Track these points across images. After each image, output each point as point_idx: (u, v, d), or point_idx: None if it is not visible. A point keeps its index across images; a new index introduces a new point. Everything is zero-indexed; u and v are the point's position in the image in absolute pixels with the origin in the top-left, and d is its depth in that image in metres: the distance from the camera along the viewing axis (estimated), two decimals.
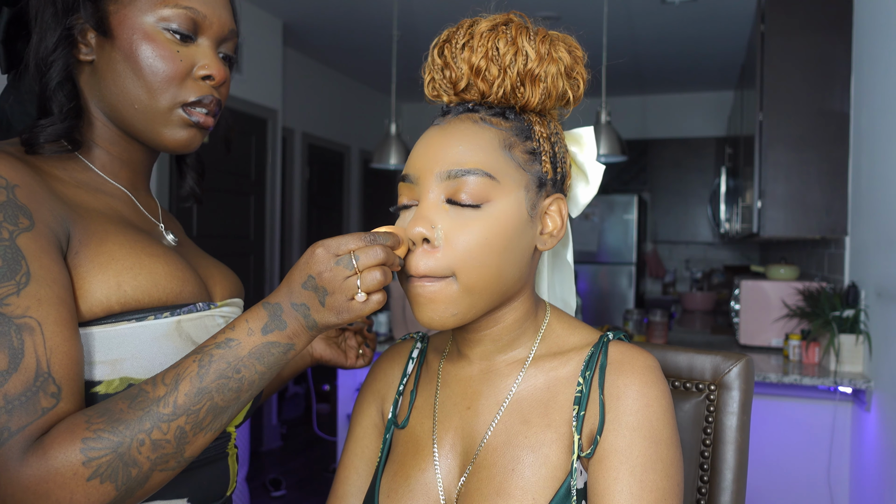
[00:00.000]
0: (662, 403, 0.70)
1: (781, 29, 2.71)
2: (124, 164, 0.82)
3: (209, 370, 0.65)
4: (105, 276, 0.70)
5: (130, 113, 0.77)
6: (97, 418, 0.62)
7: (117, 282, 0.70)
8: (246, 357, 0.66)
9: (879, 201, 2.21)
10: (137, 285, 0.71)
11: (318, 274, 0.65)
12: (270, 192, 4.39)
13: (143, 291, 0.72)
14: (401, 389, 0.85)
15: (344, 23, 4.49)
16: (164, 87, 0.76)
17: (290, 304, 0.67)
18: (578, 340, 0.78)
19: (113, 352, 0.69)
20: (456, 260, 0.68)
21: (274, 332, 0.67)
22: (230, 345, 0.66)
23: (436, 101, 0.78)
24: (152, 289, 0.72)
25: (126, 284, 0.71)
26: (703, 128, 6.08)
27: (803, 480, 2.51)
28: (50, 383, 0.62)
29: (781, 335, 2.84)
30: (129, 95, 0.76)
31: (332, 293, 0.65)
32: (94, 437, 0.61)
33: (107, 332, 0.69)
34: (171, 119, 0.77)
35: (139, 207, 0.83)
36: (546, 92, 0.73)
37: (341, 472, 0.85)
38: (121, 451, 0.61)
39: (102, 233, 0.72)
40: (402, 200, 0.74)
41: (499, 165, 0.71)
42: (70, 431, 0.61)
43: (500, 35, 0.72)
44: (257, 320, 0.67)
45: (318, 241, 0.67)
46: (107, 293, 0.69)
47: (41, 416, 0.61)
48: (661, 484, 0.67)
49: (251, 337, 0.66)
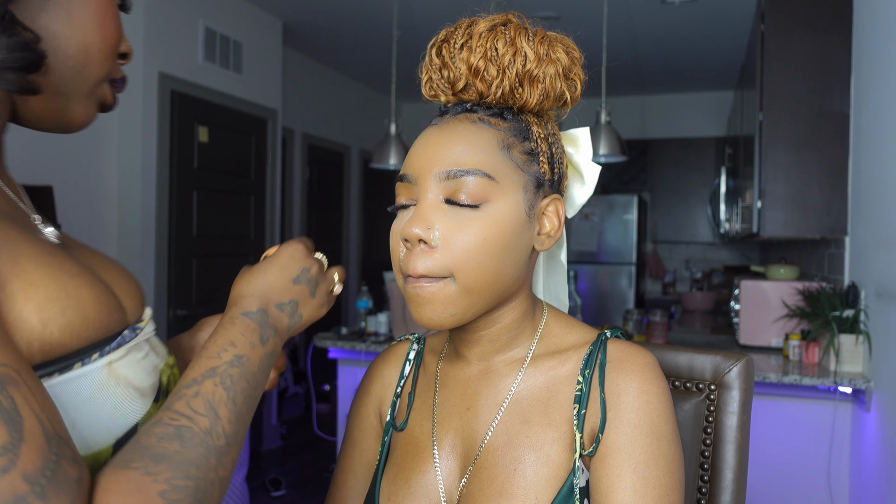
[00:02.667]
0: (662, 400, 0.71)
1: (781, 29, 2.71)
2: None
3: (237, 392, 0.58)
4: (26, 313, 0.50)
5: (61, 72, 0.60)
6: (155, 466, 0.50)
7: (41, 320, 0.51)
8: (257, 372, 0.61)
9: (879, 201, 2.21)
10: (67, 324, 0.53)
11: (310, 265, 0.68)
12: (270, 192, 4.39)
13: (71, 332, 0.53)
14: (398, 391, 0.85)
15: (344, 23, 4.49)
16: (108, 55, 0.63)
17: (276, 305, 0.64)
18: (576, 339, 0.78)
19: None
20: (454, 260, 0.68)
21: (270, 342, 0.63)
22: (242, 362, 0.60)
23: (433, 100, 0.78)
24: (82, 328, 0.54)
25: (53, 324, 0.52)
26: (703, 128, 6.08)
27: (803, 480, 2.51)
28: (64, 446, 0.47)
29: (781, 335, 2.84)
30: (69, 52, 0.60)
31: (319, 281, 0.70)
32: (170, 489, 0.50)
33: None
34: (96, 92, 0.65)
35: (7, 194, 0.61)
36: (544, 93, 0.73)
37: (339, 475, 0.85)
38: (199, 498, 0.52)
39: (10, 243, 0.52)
40: (400, 200, 0.74)
41: (497, 166, 0.71)
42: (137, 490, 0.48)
43: (498, 35, 0.72)
44: (251, 332, 0.62)
45: (291, 241, 0.70)
46: (28, 336, 0.50)
47: (78, 490, 0.46)
48: (663, 480, 0.67)
49: (255, 350, 0.61)
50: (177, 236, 3.66)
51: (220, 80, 3.93)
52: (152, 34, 3.47)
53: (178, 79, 3.63)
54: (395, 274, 0.73)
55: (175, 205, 3.64)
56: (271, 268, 0.66)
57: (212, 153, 3.89)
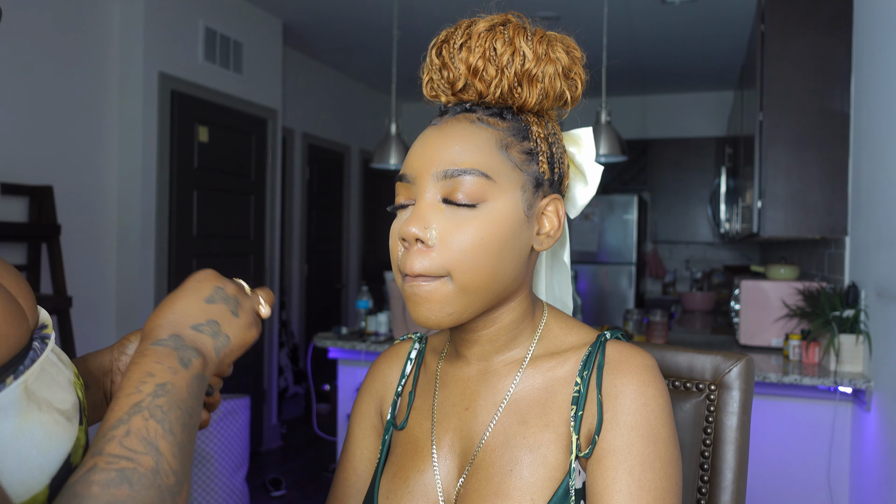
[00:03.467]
0: (660, 402, 0.70)
1: (781, 29, 2.71)
2: None
3: (171, 422, 0.51)
4: None
5: None
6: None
7: None
8: (188, 398, 0.54)
9: (879, 201, 2.21)
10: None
11: (224, 283, 0.64)
12: (270, 192, 4.39)
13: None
14: (399, 391, 0.85)
15: (344, 23, 4.49)
16: None
17: (191, 327, 0.58)
18: (576, 340, 0.78)
19: None
20: (451, 259, 0.68)
21: (192, 364, 0.56)
22: (167, 389, 0.53)
23: (434, 101, 0.78)
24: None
25: None
26: (703, 128, 6.09)
27: (803, 480, 2.51)
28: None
29: (781, 335, 2.84)
30: None
31: (241, 304, 0.65)
32: None
33: None
34: None
35: None
36: (543, 92, 0.73)
37: (340, 473, 0.85)
38: None
39: None
40: (400, 200, 0.74)
41: (495, 165, 0.71)
42: None
43: (497, 35, 0.72)
44: (167, 358, 0.55)
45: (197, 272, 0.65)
46: None
47: None
48: (659, 483, 0.67)
49: (178, 375, 0.54)
50: (177, 236, 3.66)
51: (220, 80, 3.93)
52: (152, 34, 3.47)
53: (178, 79, 3.63)
54: (395, 273, 0.74)
55: (175, 205, 3.64)
56: (179, 294, 0.61)
57: (212, 153, 3.89)
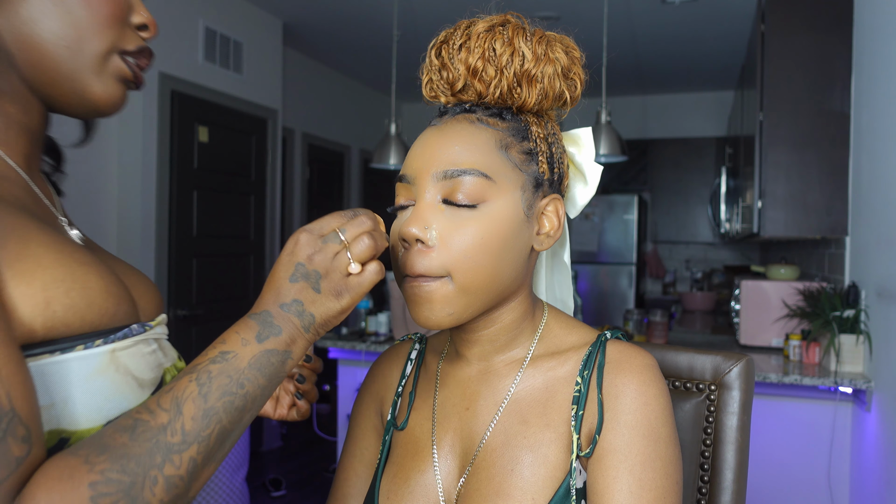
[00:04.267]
0: (660, 402, 0.70)
1: (781, 29, 2.71)
2: (22, 132, 0.64)
3: (211, 388, 0.56)
4: (31, 290, 0.53)
5: (55, 53, 0.61)
6: (96, 456, 0.50)
7: (45, 298, 0.54)
8: (246, 369, 0.58)
9: (879, 201, 2.21)
10: (70, 304, 0.56)
11: (307, 258, 0.61)
12: (270, 192, 4.39)
13: (75, 313, 0.56)
14: (399, 391, 0.85)
15: (344, 23, 4.49)
16: (104, 26, 0.62)
17: (280, 306, 0.60)
18: (576, 340, 0.78)
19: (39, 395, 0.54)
20: (451, 260, 0.68)
21: (270, 339, 0.59)
22: (227, 358, 0.58)
23: (434, 101, 0.78)
24: (86, 310, 0.57)
25: (56, 303, 0.55)
26: (703, 128, 6.09)
27: (803, 480, 2.51)
28: (17, 424, 0.48)
29: (782, 335, 2.84)
30: (56, 31, 0.61)
31: (326, 274, 0.61)
32: (102, 480, 0.49)
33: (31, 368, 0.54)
34: (107, 67, 0.64)
35: (37, 194, 0.65)
36: (543, 92, 0.73)
37: (340, 473, 0.85)
38: (133, 495, 0.50)
39: (21, 228, 0.56)
40: (399, 201, 0.74)
41: (495, 166, 0.71)
42: (69, 477, 0.49)
43: (496, 36, 0.72)
44: (248, 330, 0.59)
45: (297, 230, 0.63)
46: (31, 312, 0.53)
47: (15, 469, 0.47)
48: (660, 482, 0.67)
49: (247, 347, 0.59)
50: (177, 236, 3.66)
51: (220, 80, 3.93)
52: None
53: (179, 79, 3.63)
54: (395, 274, 0.74)
55: (175, 205, 3.64)
56: (275, 267, 0.63)
57: (212, 153, 3.89)
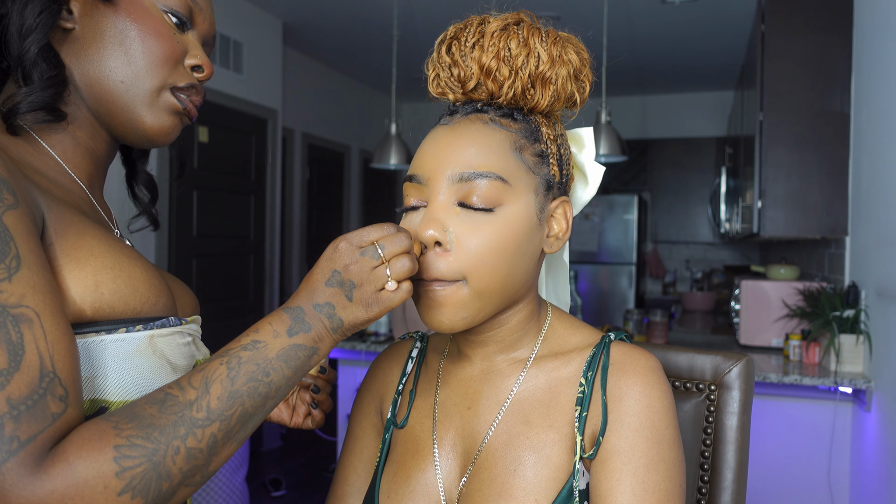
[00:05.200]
0: (664, 404, 0.70)
1: (781, 29, 2.71)
2: (87, 154, 0.74)
3: (239, 372, 0.60)
4: (83, 274, 0.61)
5: (114, 88, 0.70)
6: (126, 423, 0.55)
7: (95, 282, 0.62)
8: (274, 359, 0.62)
9: (879, 201, 2.21)
10: (116, 289, 0.63)
11: (343, 267, 0.63)
12: (270, 192, 4.39)
13: (120, 298, 0.64)
14: (400, 389, 0.85)
15: (344, 23, 4.49)
16: (159, 65, 0.71)
17: (313, 305, 0.64)
18: (580, 341, 0.78)
19: (83, 367, 0.61)
20: (467, 264, 0.68)
21: (299, 335, 0.63)
22: (257, 346, 0.62)
23: (440, 98, 0.77)
24: (130, 296, 0.64)
25: (104, 287, 0.62)
26: (703, 128, 6.08)
27: (803, 480, 2.51)
28: (57, 385, 0.54)
29: (781, 335, 2.84)
30: (115, 69, 0.70)
31: (360, 285, 0.63)
32: (127, 445, 0.54)
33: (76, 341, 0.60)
34: (159, 101, 0.72)
35: (97, 208, 0.74)
36: (555, 94, 0.73)
37: (340, 472, 0.85)
38: (156, 461, 0.54)
39: (79, 224, 0.64)
40: (409, 201, 0.73)
41: (510, 169, 0.70)
42: (98, 438, 0.53)
43: (511, 35, 0.71)
44: (280, 323, 0.63)
45: (337, 237, 0.65)
46: (82, 293, 0.61)
47: (52, 424, 0.52)
48: (663, 485, 0.67)
49: (277, 339, 0.62)
50: (177, 236, 3.66)
51: (220, 80, 3.92)
52: None
53: None
54: None
55: (175, 205, 3.64)
56: (314, 267, 0.65)
57: (212, 153, 3.89)
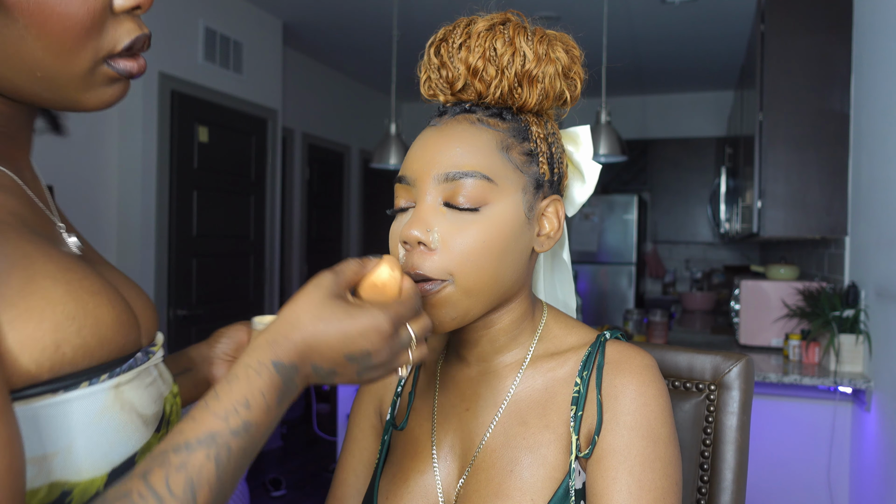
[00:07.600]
0: (660, 402, 0.70)
1: (781, 29, 2.71)
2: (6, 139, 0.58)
3: (228, 468, 0.50)
4: (39, 333, 0.47)
5: (29, 83, 0.54)
6: None
7: (55, 340, 0.48)
8: (260, 439, 0.53)
9: (879, 201, 2.21)
10: (81, 344, 0.50)
11: (376, 351, 0.58)
12: (270, 192, 4.39)
13: (85, 353, 0.50)
14: (399, 391, 0.85)
15: (344, 23, 4.49)
16: (80, 42, 0.53)
17: (313, 367, 0.56)
18: (576, 340, 0.78)
19: (38, 443, 0.47)
20: (453, 263, 0.68)
21: (286, 402, 0.55)
22: (249, 430, 0.52)
23: (432, 100, 0.77)
24: (96, 347, 0.51)
25: (67, 344, 0.49)
26: (703, 128, 6.08)
27: (803, 480, 2.51)
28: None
29: (781, 335, 2.84)
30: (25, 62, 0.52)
31: (378, 366, 0.59)
32: None
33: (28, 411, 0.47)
34: (94, 80, 0.56)
35: (32, 199, 0.58)
36: (543, 92, 0.73)
37: (339, 473, 0.85)
38: None
39: (24, 259, 0.49)
40: (399, 203, 0.73)
41: (496, 168, 0.70)
42: None
43: (497, 35, 0.71)
44: (273, 391, 0.54)
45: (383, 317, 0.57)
46: (38, 357, 0.47)
47: None
48: (659, 483, 0.67)
49: (268, 414, 0.53)
50: (177, 236, 3.66)
51: (220, 80, 3.92)
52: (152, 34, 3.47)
53: (178, 79, 3.63)
54: None
55: (175, 205, 3.64)
56: (337, 326, 0.56)
57: (212, 153, 3.89)
